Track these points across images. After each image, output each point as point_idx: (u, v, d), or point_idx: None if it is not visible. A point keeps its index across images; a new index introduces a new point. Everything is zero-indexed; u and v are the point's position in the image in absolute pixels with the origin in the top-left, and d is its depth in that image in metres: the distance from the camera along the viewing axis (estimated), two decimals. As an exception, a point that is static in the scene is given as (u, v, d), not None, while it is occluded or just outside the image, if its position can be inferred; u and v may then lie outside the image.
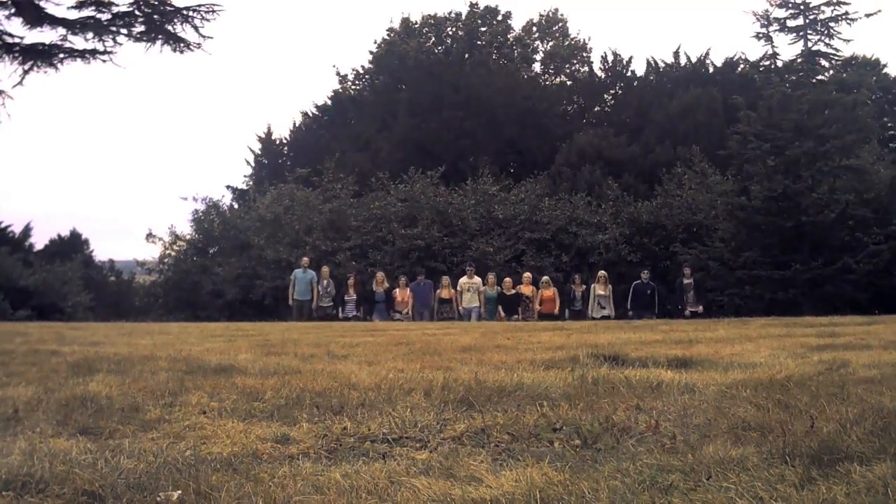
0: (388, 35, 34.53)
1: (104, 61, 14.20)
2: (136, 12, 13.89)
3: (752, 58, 27.64)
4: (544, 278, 16.70)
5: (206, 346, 7.36)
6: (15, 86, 14.22)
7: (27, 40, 14.12)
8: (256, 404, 3.86)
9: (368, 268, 19.03)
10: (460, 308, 16.02)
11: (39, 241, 28.16)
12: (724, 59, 30.34)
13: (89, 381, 4.45)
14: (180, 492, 2.40)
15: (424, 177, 21.88)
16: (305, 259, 17.19)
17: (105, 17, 13.84)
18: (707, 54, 30.82)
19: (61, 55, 14.11)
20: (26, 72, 14.04)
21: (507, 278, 16.65)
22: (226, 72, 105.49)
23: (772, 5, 20.89)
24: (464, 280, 16.29)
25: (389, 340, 7.97)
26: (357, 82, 35.11)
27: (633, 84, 31.74)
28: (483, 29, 35.01)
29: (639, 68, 39.92)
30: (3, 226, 24.80)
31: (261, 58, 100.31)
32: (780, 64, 22.33)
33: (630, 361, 5.31)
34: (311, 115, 33.15)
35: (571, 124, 29.98)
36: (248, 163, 31.71)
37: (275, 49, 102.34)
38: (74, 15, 13.84)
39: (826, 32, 20.77)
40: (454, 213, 20.72)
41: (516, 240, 20.30)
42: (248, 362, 5.48)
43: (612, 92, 32.60)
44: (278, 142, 32.13)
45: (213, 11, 14.14)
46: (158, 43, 14.17)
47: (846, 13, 20.52)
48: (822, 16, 20.64)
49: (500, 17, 35.15)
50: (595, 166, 23.65)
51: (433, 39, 34.92)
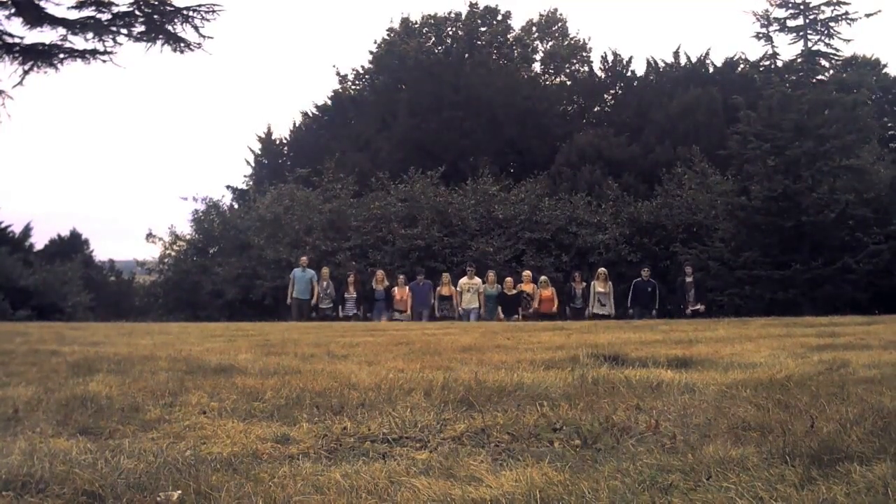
0: (388, 35, 34.54)
1: (104, 61, 14.20)
2: (136, 12, 13.88)
3: (752, 58, 27.64)
4: (542, 278, 16.68)
5: (206, 346, 7.36)
6: (15, 86, 14.22)
7: (27, 40, 14.13)
8: (256, 404, 3.86)
9: (368, 268, 19.03)
10: (460, 308, 16.02)
11: (39, 241, 28.23)
12: (724, 59, 30.41)
13: (89, 381, 4.45)
14: (180, 492, 2.40)
15: (424, 177, 21.88)
16: (304, 258, 17.18)
17: (105, 17, 13.84)
18: (707, 54, 30.89)
19: (61, 55, 14.10)
20: (26, 72, 14.04)
21: (509, 277, 16.62)
22: (226, 72, 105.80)
23: (772, 5, 20.87)
24: (464, 280, 16.27)
25: (389, 340, 7.97)
26: (357, 82, 35.15)
27: (633, 84, 31.75)
28: (483, 29, 35.01)
29: (639, 68, 39.99)
30: (3, 226, 24.82)
31: (261, 58, 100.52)
32: (780, 64, 22.31)
33: (630, 361, 5.31)
34: (311, 115, 33.18)
35: (571, 124, 29.98)
36: (248, 163, 31.78)
37: (275, 49, 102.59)
38: (74, 15, 13.85)
39: (826, 32, 20.73)
40: (454, 213, 20.72)
41: (516, 240, 20.29)
42: (248, 362, 5.48)
43: (612, 92, 32.61)
44: (278, 142, 32.16)
45: (213, 11, 14.14)
46: (158, 43, 14.17)
47: (846, 13, 20.48)
48: (822, 16, 20.60)
49: (499, 17, 35.16)
50: (595, 166, 23.65)
51: (433, 39, 34.93)
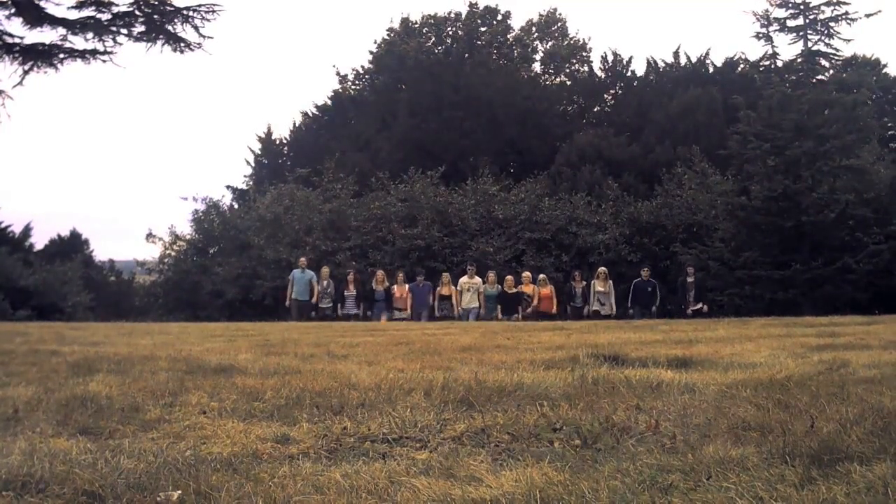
0: (388, 35, 34.55)
1: (104, 61, 14.19)
2: (136, 12, 13.87)
3: (752, 58, 27.69)
4: (541, 276, 16.66)
5: (206, 346, 7.36)
6: (15, 86, 14.21)
7: (27, 40, 14.11)
8: (256, 404, 3.86)
9: (368, 268, 19.03)
10: (460, 308, 16.01)
11: (39, 241, 28.24)
12: (724, 59, 30.43)
13: (89, 381, 4.45)
14: (180, 492, 2.40)
15: (424, 177, 21.88)
16: (303, 259, 17.14)
17: (105, 17, 13.83)
18: (707, 54, 30.91)
19: (61, 55, 14.09)
20: (26, 72, 14.03)
21: (509, 276, 16.60)
22: (226, 72, 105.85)
23: (772, 5, 20.91)
24: (464, 280, 16.26)
25: (389, 340, 7.97)
26: (357, 82, 35.16)
27: (633, 84, 31.75)
28: (483, 29, 35.02)
29: (639, 68, 40.01)
30: (3, 226, 24.83)
31: (261, 58, 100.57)
32: (780, 64, 22.34)
33: (630, 361, 5.31)
34: (311, 115, 33.19)
35: (571, 124, 29.99)
36: (248, 163, 31.80)
37: (275, 49, 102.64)
38: (74, 15, 13.84)
39: (826, 32, 20.77)
40: (454, 213, 20.72)
41: (516, 240, 20.30)
42: (248, 362, 5.47)
43: (612, 92, 32.62)
44: (278, 142, 32.17)
45: (213, 11, 14.13)
46: (158, 43, 14.16)
47: (846, 13, 20.53)
48: (822, 16, 20.65)
49: (499, 17, 35.17)
50: (595, 166, 23.66)
51: (433, 39, 34.94)
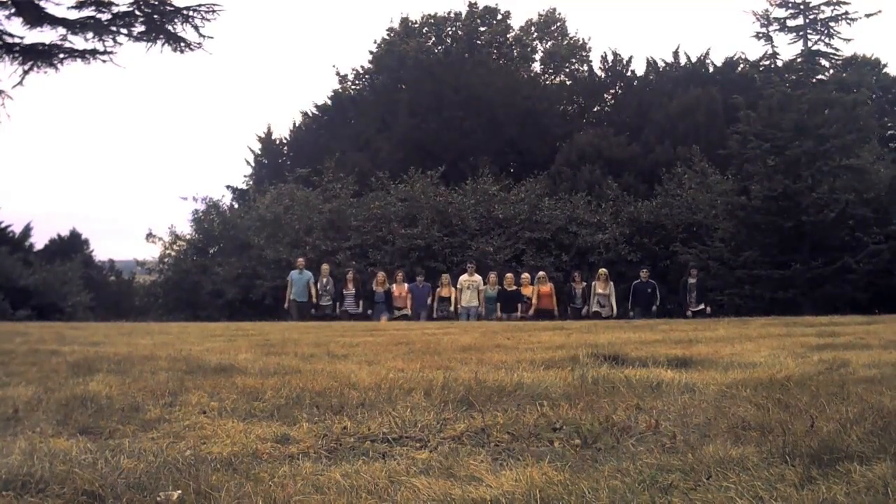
0: (388, 35, 34.57)
1: (104, 61, 14.19)
2: (136, 12, 13.87)
3: (752, 58, 27.64)
4: (540, 273, 16.64)
5: (206, 346, 7.36)
6: (15, 86, 14.20)
7: (27, 40, 14.11)
8: (256, 404, 3.86)
9: (368, 267, 19.04)
10: (459, 306, 16.00)
11: (39, 241, 28.21)
12: (724, 58, 30.44)
13: (89, 381, 4.44)
14: (180, 492, 2.40)
15: (424, 177, 21.88)
16: (301, 260, 17.10)
17: (105, 17, 13.83)
18: (707, 54, 30.93)
19: (61, 55, 14.09)
20: (26, 72, 14.03)
21: (509, 274, 16.59)
22: (226, 72, 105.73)
23: (772, 5, 20.84)
24: (464, 277, 16.25)
25: (389, 340, 7.97)
26: (357, 82, 35.17)
27: (633, 84, 31.76)
28: (482, 29, 35.04)
29: (639, 68, 40.03)
30: (3, 226, 24.83)
31: (261, 58, 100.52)
32: (780, 64, 22.28)
33: (630, 361, 5.30)
34: (311, 115, 33.20)
35: (571, 124, 29.99)
36: (248, 163, 31.81)
37: (275, 49, 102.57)
38: (74, 15, 13.83)
39: (826, 32, 20.70)
40: (454, 212, 20.72)
41: (516, 239, 20.30)
42: (248, 362, 5.47)
43: (612, 92, 32.63)
44: (278, 142, 32.18)
45: (213, 11, 14.13)
46: (158, 43, 14.16)
47: (846, 13, 20.45)
48: (822, 16, 20.57)
49: (499, 17, 35.19)
50: (595, 166, 23.66)
51: (433, 39, 34.96)
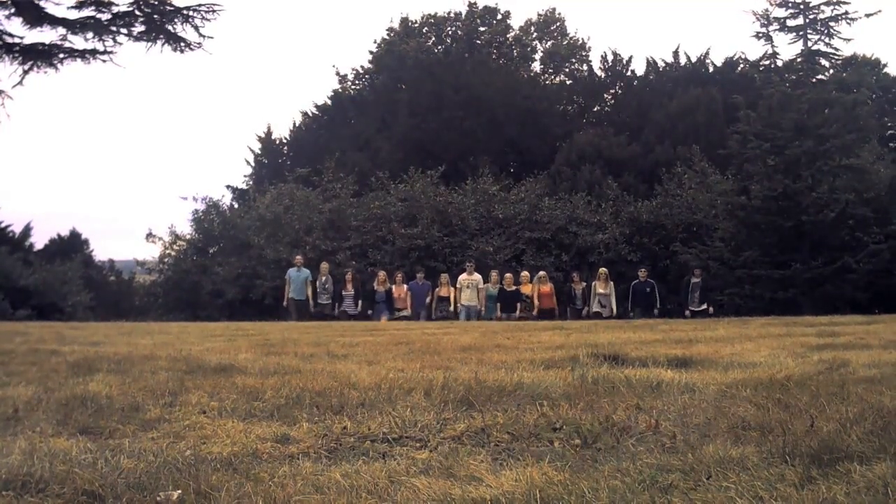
0: (388, 35, 34.56)
1: (104, 61, 14.17)
2: (136, 12, 13.86)
3: (752, 57, 27.59)
4: (541, 273, 16.63)
5: (206, 346, 7.35)
6: (15, 86, 14.19)
7: (27, 40, 14.10)
8: (256, 404, 3.86)
9: (368, 267, 19.04)
10: (459, 306, 15.99)
11: (39, 241, 28.17)
12: (724, 58, 30.42)
13: (89, 381, 4.44)
14: (180, 491, 2.40)
15: (424, 176, 21.88)
16: (299, 258, 17.04)
17: (105, 17, 13.81)
18: (707, 54, 30.93)
19: (61, 55, 14.08)
20: (26, 72, 14.02)
21: (508, 274, 16.58)
22: (226, 72, 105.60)
23: (772, 5, 20.79)
24: (463, 276, 16.24)
25: (389, 340, 7.97)
26: (357, 82, 35.16)
27: (633, 84, 31.75)
28: (482, 28, 35.03)
29: (638, 68, 40.01)
30: (3, 226, 24.81)
31: (261, 58, 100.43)
32: (780, 63, 22.24)
33: (630, 361, 5.30)
34: (310, 114, 33.18)
35: (571, 124, 29.98)
36: (248, 163, 31.79)
37: (275, 49, 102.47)
38: (74, 15, 13.82)
39: (826, 32, 20.66)
40: (454, 212, 20.73)
41: (516, 239, 20.31)
42: (248, 362, 5.47)
43: (611, 91, 32.62)
44: (278, 142, 32.16)
45: (213, 11, 14.12)
46: (158, 43, 14.15)
47: (846, 13, 20.40)
48: (822, 15, 20.53)
49: (499, 17, 35.19)
50: (595, 166, 23.66)
51: (433, 39, 34.95)
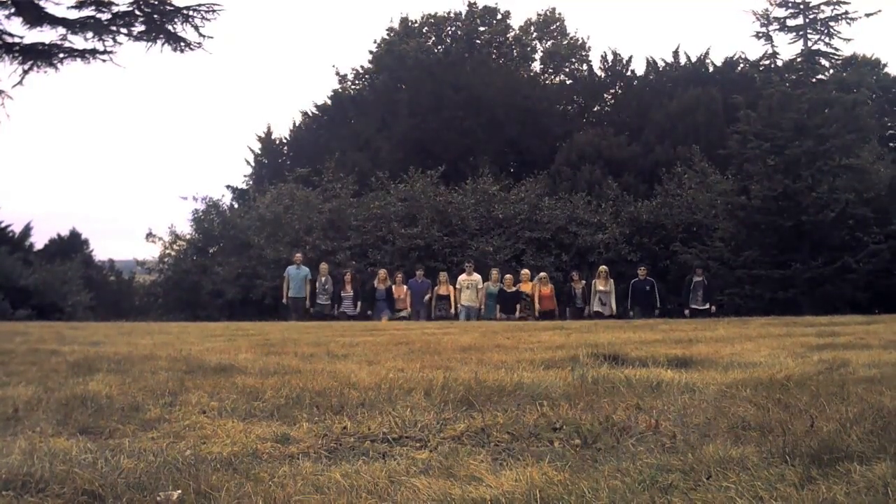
0: (388, 35, 34.56)
1: (104, 61, 14.14)
2: (136, 12, 13.84)
3: (752, 57, 27.59)
4: (541, 274, 16.61)
5: (206, 346, 7.35)
6: (15, 86, 14.15)
7: (27, 40, 14.07)
8: (256, 404, 3.86)
9: (368, 267, 19.05)
10: (459, 305, 15.98)
11: (39, 241, 28.16)
12: (724, 58, 30.42)
13: (89, 381, 4.45)
14: (180, 491, 2.40)
15: (424, 176, 21.88)
16: (298, 255, 17.00)
17: (105, 16, 13.79)
18: (707, 54, 30.94)
19: (61, 55, 14.06)
20: (26, 72, 14.00)
21: (508, 275, 16.57)
22: (226, 72, 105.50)
23: (772, 5, 20.79)
24: (463, 277, 16.23)
25: (389, 340, 7.97)
26: (357, 82, 35.16)
27: (633, 84, 31.75)
28: (482, 28, 35.03)
29: (638, 68, 40.04)
30: (3, 226, 24.81)
31: (261, 58, 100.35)
32: (780, 63, 22.24)
33: (630, 361, 5.30)
34: (310, 114, 33.17)
35: (571, 124, 29.98)
36: (248, 163, 31.77)
37: (275, 49, 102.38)
38: (74, 15, 13.79)
39: (826, 32, 20.66)
40: (454, 212, 20.73)
41: (516, 239, 20.31)
42: (248, 362, 5.47)
43: (611, 91, 32.62)
44: (278, 142, 32.15)
45: (214, 11, 14.08)
46: (158, 43, 14.14)
47: (846, 13, 20.40)
48: (822, 15, 20.53)
49: (499, 17, 35.19)
50: (595, 166, 23.66)
51: (433, 39, 34.95)
